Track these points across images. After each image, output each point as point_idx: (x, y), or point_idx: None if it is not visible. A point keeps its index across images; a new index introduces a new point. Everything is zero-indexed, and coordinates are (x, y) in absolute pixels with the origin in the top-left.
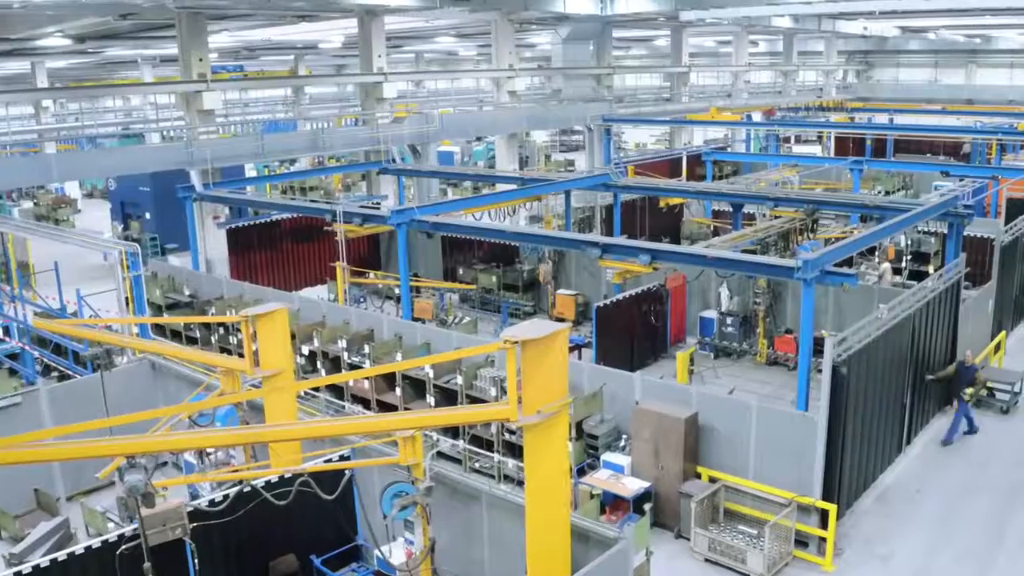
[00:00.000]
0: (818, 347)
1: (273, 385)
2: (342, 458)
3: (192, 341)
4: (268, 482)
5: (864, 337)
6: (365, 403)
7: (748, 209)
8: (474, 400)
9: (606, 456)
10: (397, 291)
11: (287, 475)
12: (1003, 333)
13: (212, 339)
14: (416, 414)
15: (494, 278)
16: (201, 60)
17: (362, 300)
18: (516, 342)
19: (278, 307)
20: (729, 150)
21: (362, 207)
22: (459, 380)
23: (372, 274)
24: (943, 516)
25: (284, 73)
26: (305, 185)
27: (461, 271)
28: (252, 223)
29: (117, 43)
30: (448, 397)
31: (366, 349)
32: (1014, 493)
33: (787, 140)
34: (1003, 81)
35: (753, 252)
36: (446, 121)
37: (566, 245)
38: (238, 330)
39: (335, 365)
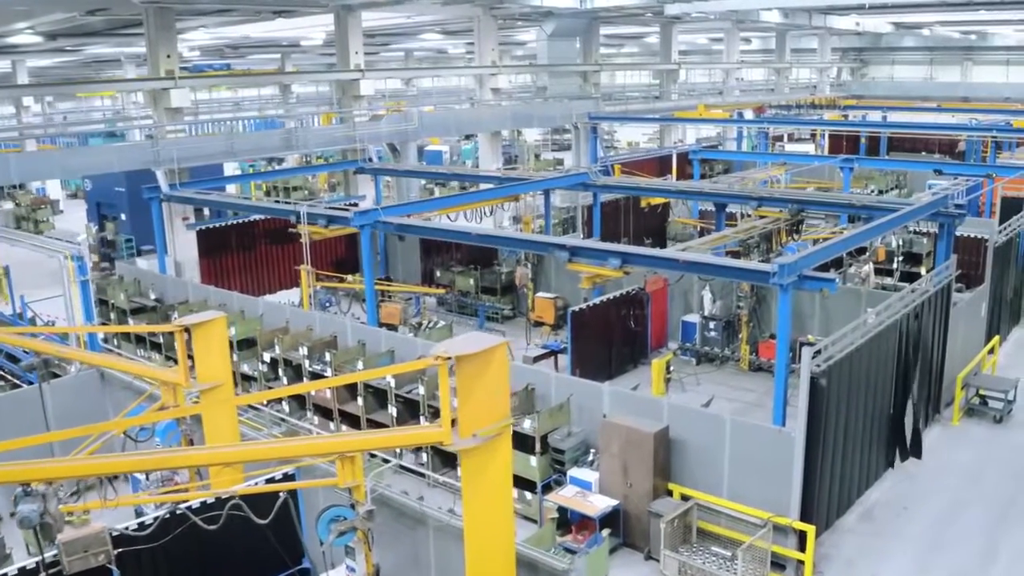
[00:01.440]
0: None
1: (212, 399)
2: (286, 476)
3: (156, 347)
4: (203, 503)
5: (846, 345)
6: (328, 413)
7: (734, 210)
8: (437, 412)
9: (573, 472)
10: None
11: (220, 497)
12: (997, 338)
13: (175, 344)
14: (342, 438)
15: (472, 280)
16: (169, 56)
17: (328, 304)
18: (448, 358)
19: (215, 315)
20: (720, 148)
21: (330, 208)
22: (421, 391)
23: (350, 277)
24: (932, 534)
25: (258, 71)
26: (288, 184)
27: (439, 273)
28: (224, 224)
29: (98, 40)
30: (411, 407)
31: (327, 357)
32: (1008, 508)
33: (780, 139)
34: (999, 78)
35: (736, 254)
36: (426, 119)
37: (534, 247)
38: None
39: (297, 373)
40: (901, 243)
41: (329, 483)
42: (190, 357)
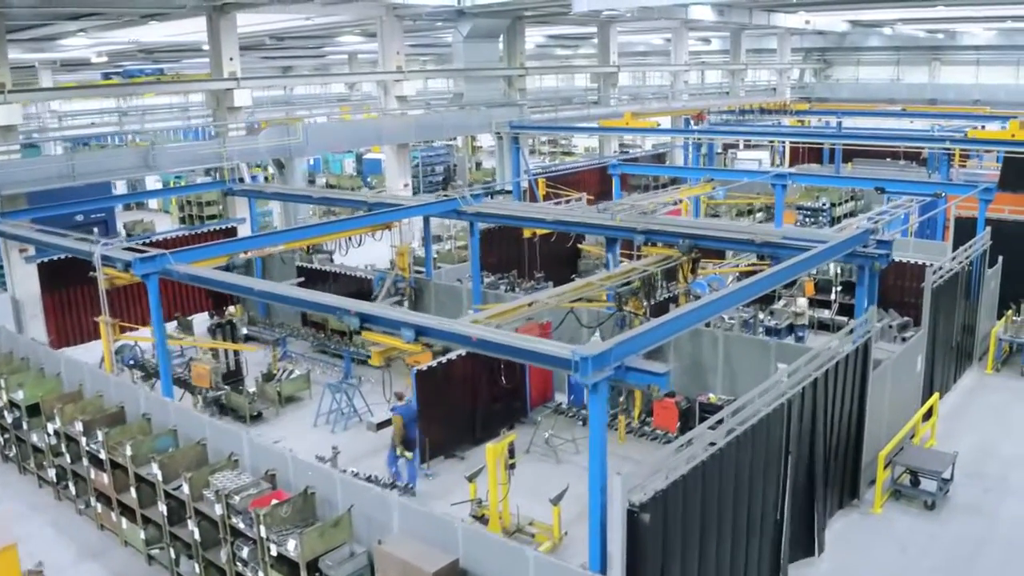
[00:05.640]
0: (705, 412)
1: None
2: None
3: None
4: None
5: (692, 458)
6: (110, 501)
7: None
8: (203, 517)
9: None
10: (244, 331)
11: None
12: (935, 396)
13: None
14: None
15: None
16: None
17: (132, 362)
18: None
19: None
20: (666, 157)
21: (131, 247)
22: (185, 489)
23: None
24: None
25: (110, 83)
26: (202, 199)
27: None
28: (69, 256)
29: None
30: (182, 504)
31: (99, 436)
32: None
33: (734, 146)
34: (968, 79)
35: (622, 300)
36: (312, 132)
37: (317, 308)
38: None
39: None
40: (840, 271)
41: None
42: None
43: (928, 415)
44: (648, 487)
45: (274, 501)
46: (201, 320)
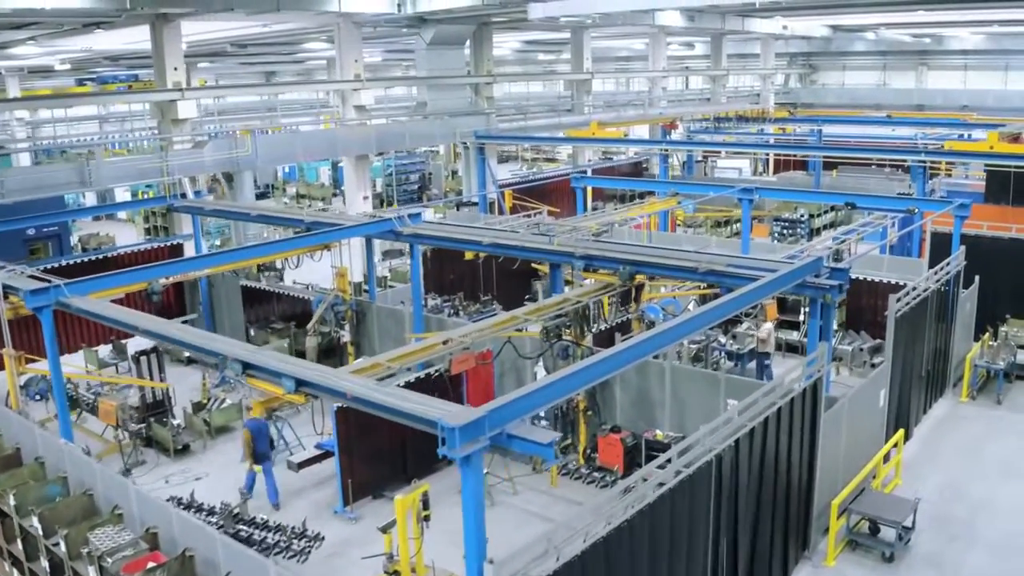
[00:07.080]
0: (652, 450)
1: None
2: None
3: None
4: None
5: (595, 530)
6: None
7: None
8: None
9: None
10: (186, 353)
11: None
12: (900, 433)
13: None
14: None
15: (286, 342)
16: None
17: (38, 396)
18: None
19: None
20: (645, 167)
21: (34, 275)
22: (62, 547)
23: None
24: None
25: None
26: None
27: (253, 332)
28: None
29: None
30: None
31: None
32: None
33: (715, 154)
34: (956, 84)
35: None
36: (262, 143)
37: (196, 350)
38: None
39: None
40: None
41: None
42: None
43: (895, 450)
44: (533, 571)
45: (150, 564)
46: (140, 343)
